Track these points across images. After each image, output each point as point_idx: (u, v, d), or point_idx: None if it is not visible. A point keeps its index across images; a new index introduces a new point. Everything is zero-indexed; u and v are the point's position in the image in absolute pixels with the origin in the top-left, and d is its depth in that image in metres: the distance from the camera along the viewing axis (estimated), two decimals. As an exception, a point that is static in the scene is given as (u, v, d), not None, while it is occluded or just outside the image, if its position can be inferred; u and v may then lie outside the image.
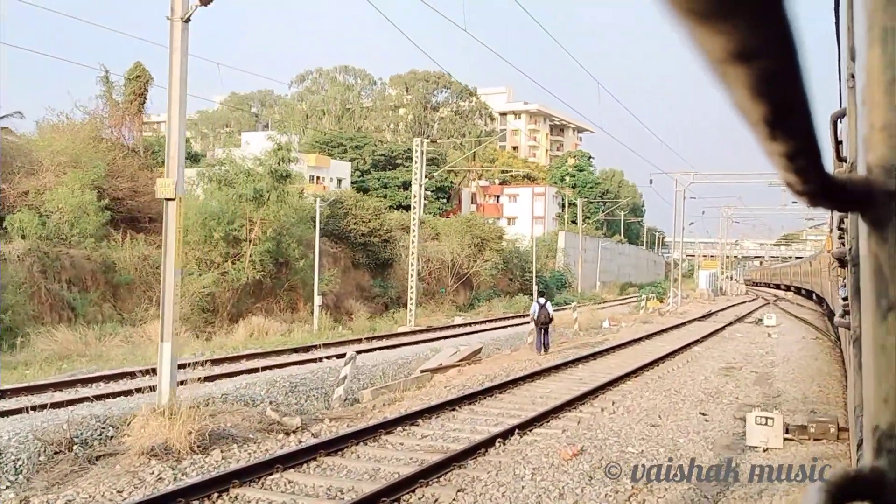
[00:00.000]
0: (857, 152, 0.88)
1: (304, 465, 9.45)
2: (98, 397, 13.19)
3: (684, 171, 45.11)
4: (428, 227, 45.09)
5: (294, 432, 11.22)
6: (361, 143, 73.20)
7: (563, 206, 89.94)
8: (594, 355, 21.28)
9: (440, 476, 8.92)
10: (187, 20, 10.97)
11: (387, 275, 35.36)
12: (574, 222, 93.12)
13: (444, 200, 71.75)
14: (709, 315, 39.76)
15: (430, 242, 42.04)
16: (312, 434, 11.36)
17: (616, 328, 31.90)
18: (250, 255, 25.91)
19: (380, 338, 25.17)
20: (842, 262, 5.79)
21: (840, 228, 5.89)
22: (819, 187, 0.68)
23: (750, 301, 59.97)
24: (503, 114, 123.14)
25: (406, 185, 73.18)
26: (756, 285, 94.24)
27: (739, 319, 37.97)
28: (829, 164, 3.58)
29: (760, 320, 35.06)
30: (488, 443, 10.43)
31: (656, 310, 39.24)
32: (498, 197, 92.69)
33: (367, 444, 10.58)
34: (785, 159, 0.64)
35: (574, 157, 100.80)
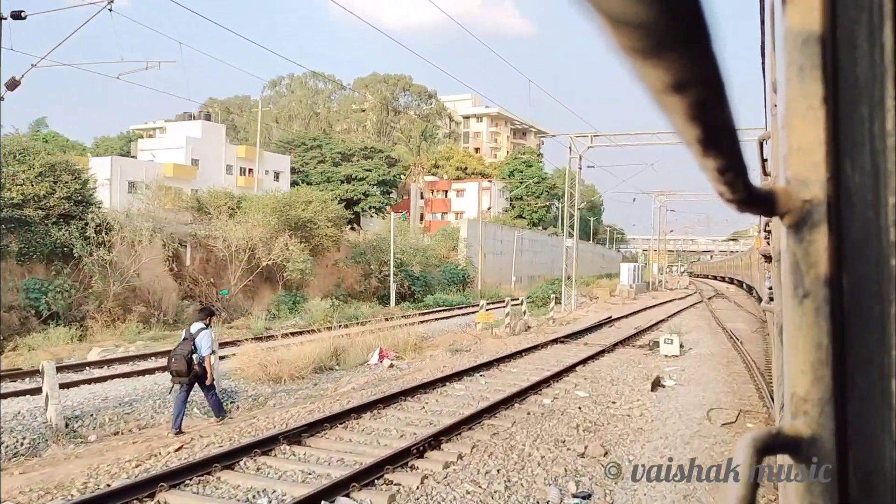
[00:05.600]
0: (779, 168, 0.84)
1: None
2: None
3: (580, 132, 26.05)
4: (226, 203, 26.46)
5: None
6: (321, 143, 63.59)
7: (511, 201, 70.39)
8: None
9: None
10: None
11: (61, 271, 16.75)
12: (521, 216, 71.69)
13: (389, 194, 60.93)
14: (598, 327, 23.03)
15: (222, 225, 23.36)
16: None
17: (374, 366, 13.32)
18: None
19: None
20: (767, 258, 5.68)
21: (766, 230, 5.85)
22: (745, 196, 0.68)
23: (681, 298, 40.50)
24: (466, 117, 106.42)
25: (349, 179, 58.99)
26: (698, 277, 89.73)
27: (636, 335, 20.13)
28: (758, 178, 3.42)
29: (656, 344, 15.64)
30: None
31: (513, 324, 20.10)
32: (446, 192, 73.35)
33: None
34: (716, 173, 0.63)
35: (524, 153, 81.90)
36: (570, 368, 14.23)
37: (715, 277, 75.45)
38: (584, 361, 15.22)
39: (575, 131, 28.28)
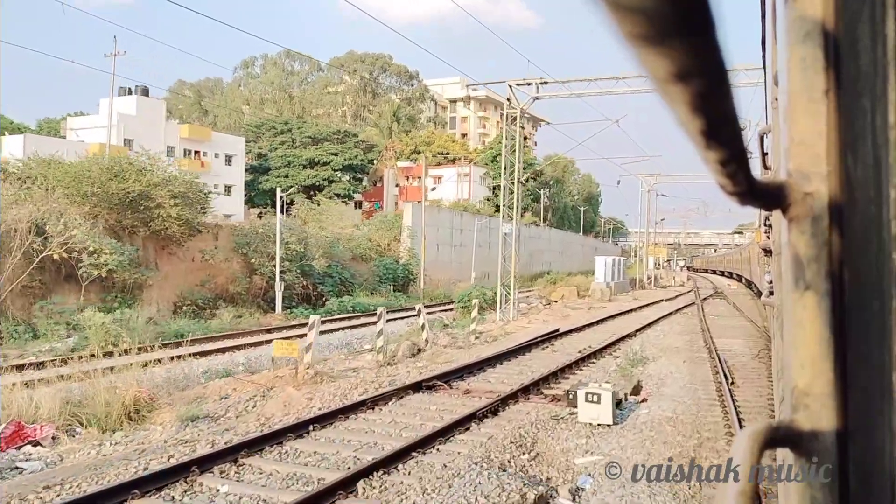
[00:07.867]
0: (780, 161, 0.85)
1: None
2: None
3: (523, 79, 18.37)
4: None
5: None
6: (291, 126, 58.39)
7: (494, 189, 63.29)
8: None
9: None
10: None
11: None
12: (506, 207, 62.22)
13: (359, 181, 56.25)
14: (526, 349, 16.37)
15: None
16: None
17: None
18: None
19: None
20: (767, 252, 5.34)
21: (766, 224, 5.60)
22: (747, 189, 0.67)
23: (669, 300, 32.50)
24: (453, 101, 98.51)
25: (312, 164, 54.30)
26: (697, 271, 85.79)
27: (573, 365, 13.26)
28: (758, 172, 3.42)
29: (575, 395, 7.06)
30: None
31: (388, 349, 12.48)
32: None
33: None
34: (719, 165, 0.63)
35: (512, 138, 72.71)
36: (350, 482, 6.59)
37: (714, 272, 73.39)
38: (407, 452, 7.60)
39: (515, 78, 20.40)
